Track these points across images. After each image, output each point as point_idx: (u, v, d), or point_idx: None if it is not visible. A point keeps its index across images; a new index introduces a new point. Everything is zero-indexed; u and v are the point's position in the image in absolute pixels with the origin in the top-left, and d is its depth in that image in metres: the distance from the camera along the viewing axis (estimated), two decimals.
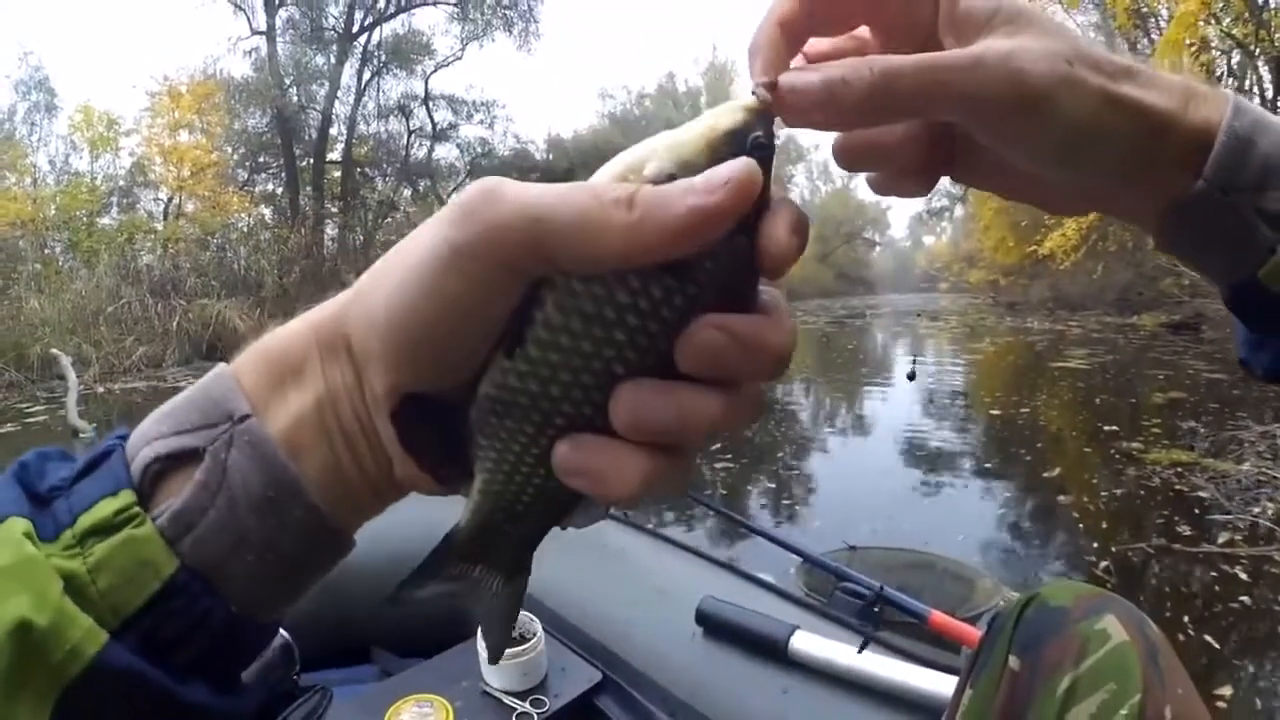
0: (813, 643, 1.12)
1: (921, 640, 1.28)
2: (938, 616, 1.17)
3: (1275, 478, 4.42)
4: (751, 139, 0.28)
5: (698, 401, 0.28)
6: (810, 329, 15.83)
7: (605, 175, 0.28)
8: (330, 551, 0.32)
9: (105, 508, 0.27)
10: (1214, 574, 3.64)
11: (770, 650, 1.14)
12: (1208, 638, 3.02)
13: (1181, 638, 2.93)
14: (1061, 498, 4.96)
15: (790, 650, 1.12)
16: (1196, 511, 4.40)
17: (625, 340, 0.28)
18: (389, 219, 24.62)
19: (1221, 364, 8.23)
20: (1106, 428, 6.51)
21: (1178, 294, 10.05)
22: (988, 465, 5.90)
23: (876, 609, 1.21)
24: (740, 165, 0.26)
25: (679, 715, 1.11)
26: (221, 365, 0.32)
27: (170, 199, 21.37)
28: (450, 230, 0.27)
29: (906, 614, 1.19)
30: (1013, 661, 0.64)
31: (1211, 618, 3.24)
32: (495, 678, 1.22)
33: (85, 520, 0.27)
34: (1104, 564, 3.88)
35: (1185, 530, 4.16)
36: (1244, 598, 3.39)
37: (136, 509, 0.28)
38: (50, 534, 0.27)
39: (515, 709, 1.17)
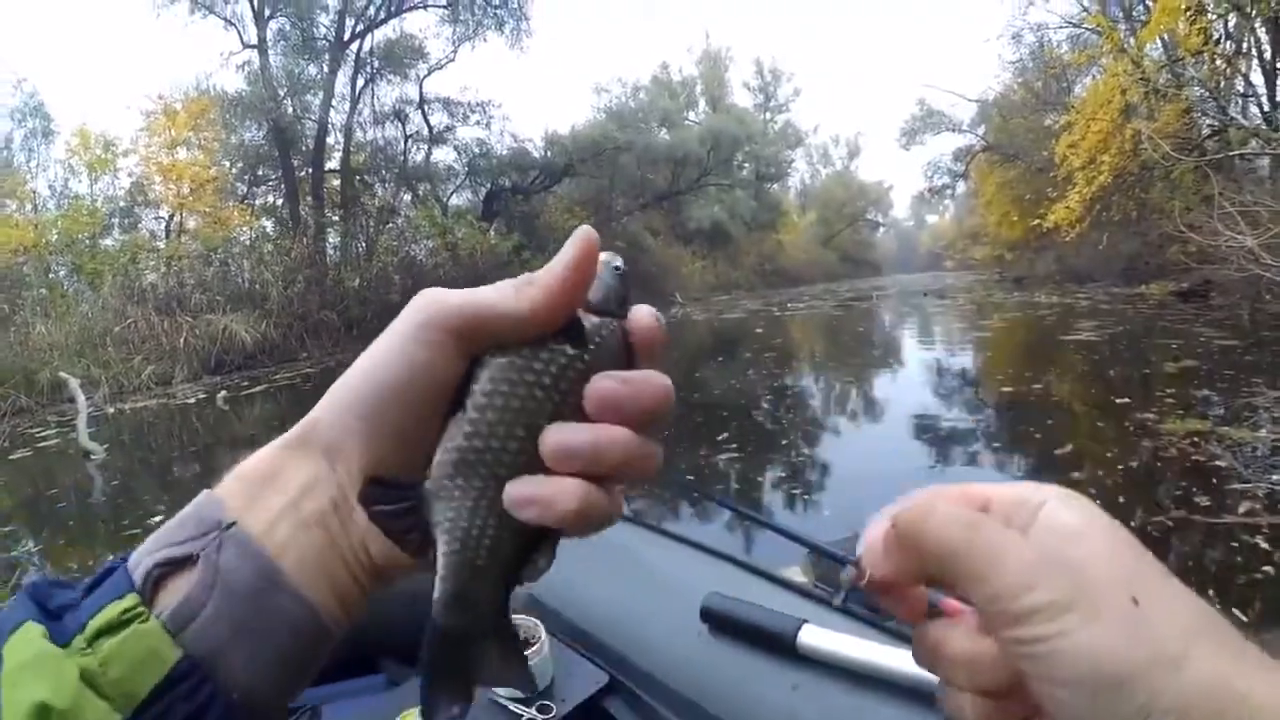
0: (822, 636, 1.08)
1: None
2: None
3: None
4: (612, 263, 0.38)
5: (607, 434, 0.35)
6: (817, 313, 15.77)
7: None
8: (320, 641, 0.36)
9: (112, 610, 0.31)
10: (1235, 544, 3.59)
11: (778, 646, 1.10)
12: (1234, 610, 2.98)
13: None
14: (1076, 474, 4.89)
15: (799, 645, 1.08)
16: (1214, 481, 4.33)
17: (544, 396, 0.35)
18: (390, 224, 24.72)
19: (1232, 330, 8.10)
20: (1119, 400, 6.44)
21: (1185, 261, 9.97)
22: (1000, 444, 5.86)
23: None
24: (579, 244, 0.36)
25: (687, 716, 1.08)
26: (205, 491, 0.37)
27: (171, 216, 21.54)
28: (412, 314, 0.36)
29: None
30: None
31: (1236, 589, 3.21)
32: None
33: (95, 623, 0.31)
34: None
35: (1204, 501, 4.09)
36: (1267, 567, 3.34)
37: (141, 608, 0.31)
38: (64, 641, 0.31)
39: (522, 715, 1.15)
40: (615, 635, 1.28)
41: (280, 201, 24.01)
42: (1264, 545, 3.52)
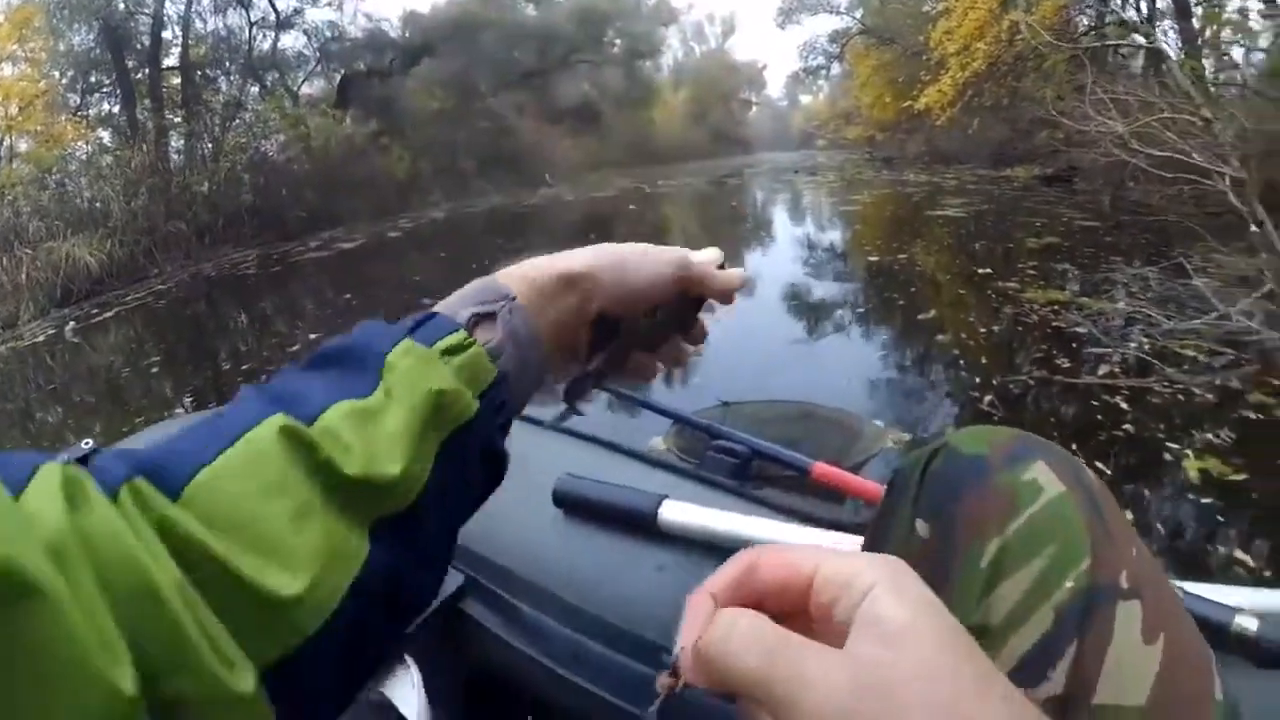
0: (685, 511, 0.99)
1: (806, 495, 1.16)
2: (821, 468, 1.06)
3: (1149, 315, 4.37)
4: None
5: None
6: (689, 190, 15.48)
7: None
8: (538, 390, 0.52)
9: (453, 339, 0.44)
10: (1096, 404, 3.61)
11: (639, 525, 1.01)
12: (1098, 464, 2.98)
13: None
14: (940, 337, 4.87)
15: (660, 522, 0.99)
16: (1074, 346, 4.37)
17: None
18: (237, 120, 22.44)
19: (1094, 213, 8.27)
20: (982, 271, 6.47)
21: (1054, 145, 10.11)
22: (869, 311, 5.82)
23: (752, 466, 1.13)
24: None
25: (550, 609, 0.99)
26: (489, 276, 0.51)
27: (0, 141, 18.82)
28: (676, 259, 0.57)
29: (787, 468, 1.09)
30: (920, 528, 0.51)
31: (1098, 445, 3.21)
32: None
33: (441, 344, 0.43)
34: (988, 398, 3.81)
35: (1065, 363, 4.13)
36: (1127, 426, 3.36)
37: (472, 340, 0.45)
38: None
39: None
40: (471, 534, 1.02)
41: (116, 109, 21.27)
42: (1123, 405, 3.53)
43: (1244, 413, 3.36)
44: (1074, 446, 3.10)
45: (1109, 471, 2.95)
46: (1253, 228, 4.71)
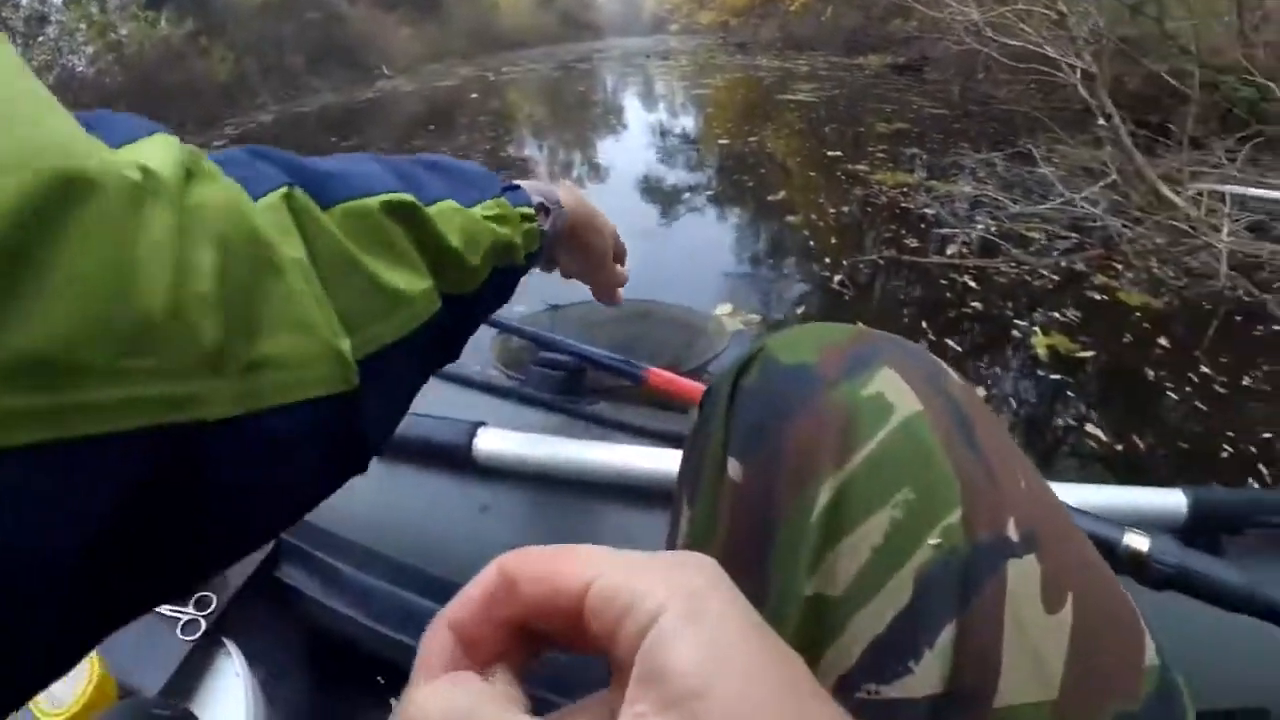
0: (505, 440, 0.90)
1: (644, 406, 1.06)
2: (656, 374, 0.96)
3: (995, 199, 4.32)
4: None
5: None
6: (536, 77, 14.81)
7: None
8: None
9: (528, 210, 0.55)
10: (944, 283, 3.49)
11: (455, 460, 0.91)
12: (948, 340, 2.88)
13: (924, 343, 2.69)
14: (790, 218, 4.67)
15: (476, 455, 0.90)
16: (923, 227, 4.27)
17: None
18: (41, 36, 19.54)
19: (943, 102, 8.24)
20: (832, 153, 6.31)
21: (908, 33, 10.07)
22: (719, 196, 5.54)
23: (585, 378, 1.04)
24: None
25: (374, 568, 0.89)
26: (549, 185, 0.64)
27: None
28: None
29: (619, 376, 0.98)
30: (732, 469, 0.37)
31: (947, 322, 3.10)
32: None
33: (520, 210, 0.53)
34: (838, 277, 3.62)
35: (913, 243, 4.01)
36: (975, 304, 3.27)
37: (535, 218, 0.56)
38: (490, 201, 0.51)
39: (180, 619, 0.83)
40: None
41: None
42: (972, 284, 3.43)
43: (1089, 294, 3.33)
44: (924, 324, 3.01)
45: (959, 349, 2.84)
46: (1100, 120, 4.69)
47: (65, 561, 0.23)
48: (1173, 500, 0.74)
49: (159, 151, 0.27)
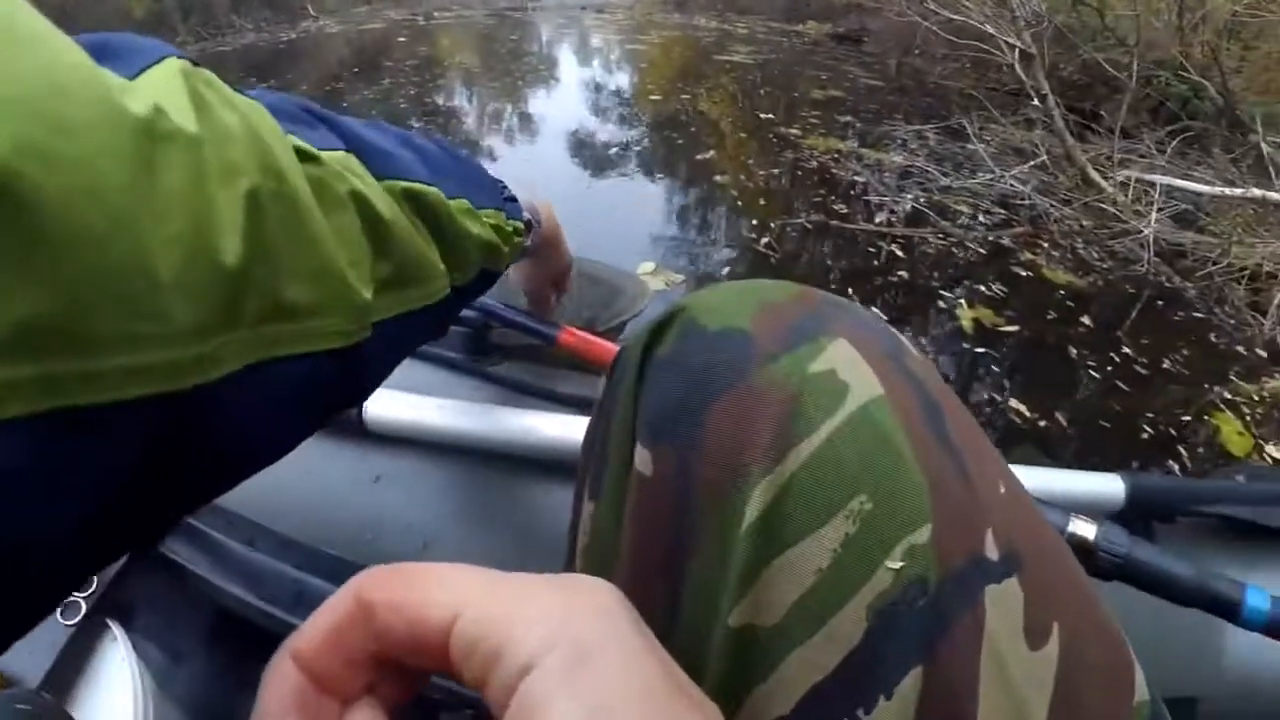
0: (398, 403, 0.80)
1: (556, 368, 0.96)
2: (569, 334, 0.84)
3: (926, 171, 4.27)
4: None
5: None
6: (467, 23, 14.39)
7: None
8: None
9: (518, 223, 0.55)
10: (872, 250, 3.42)
11: (342, 425, 0.82)
12: (873, 309, 2.76)
13: None
14: (719, 178, 4.54)
15: (368, 419, 0.80)
16: (852, 194, 4.20)
17: None
18: None
19: (879, 74, 8.19)
20: (764, 116, 6.19)
21: (847, 3, 10.04)
22: (649, 154, 5.37)
23: (491, 335, 0.92)
24: None
25: (264, 545, 0.82)
26: (532, 202, 0.63)
27: None
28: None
29: (528, 334, 0.85)
30: (641, 459, 0.29)
31: (874, 289, 3.04)
32: None
33: (515, 224, 0.54)
34: (765, 240, 3.52)
35: (842, 209, 3.92)
36: (902, 273, 3.20)
37: (524, 232, 0.57)
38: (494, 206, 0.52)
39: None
40: None
41: None
42: (899, 253, 3.36)
43: (1014, 269, 3.30)
44: (850, 291, 2.92)
45: (885, 317, 2.76)
46: (1035, 101, 4.70)
47: (65, 528, 0.22)
48: (1111, 486, 0.71)
49: (171, 81, 0.25)
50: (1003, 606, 0.26)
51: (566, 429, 0.77)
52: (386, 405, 0.81)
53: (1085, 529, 0.52)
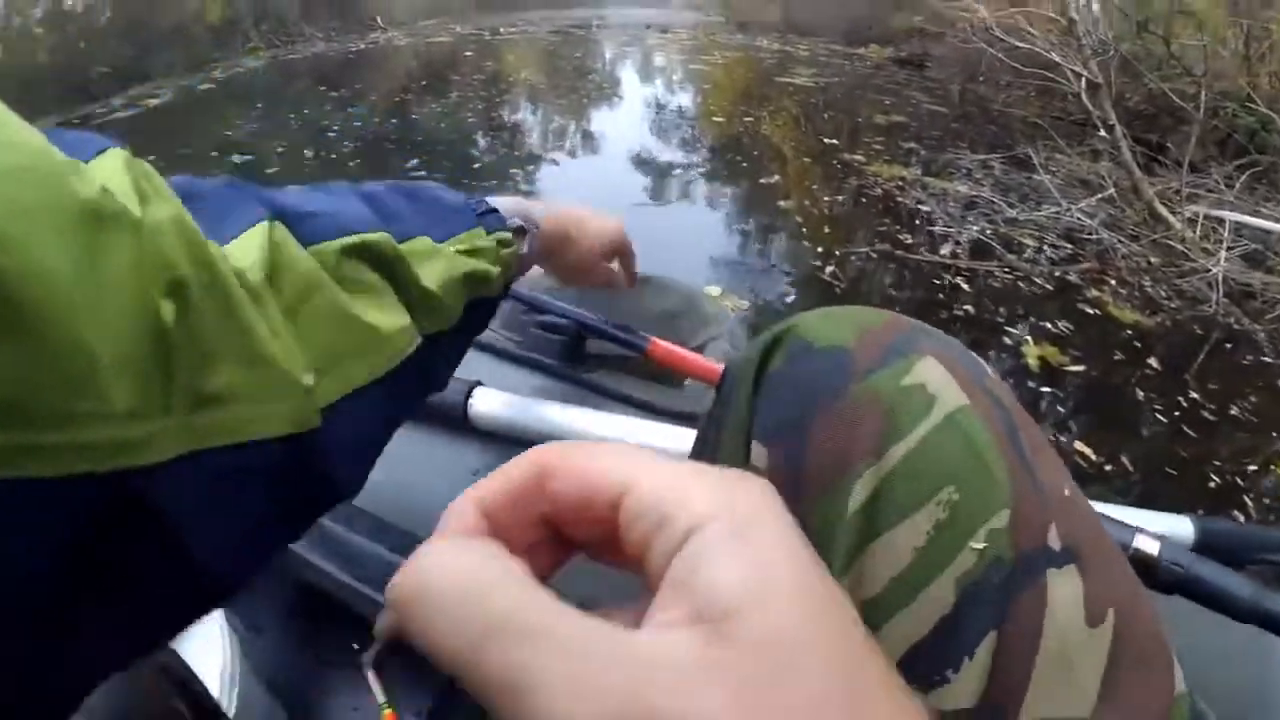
0: (501, 401, 0.87)
1: (641, 378, 1.04)
2: (659, 346, 0.92)
3: (992, 201, 4.26)
4: None
5: None
6: (532, 39, 14.56)
7: None
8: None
9: (503, 234, 0.55)
10: (937, 282, 3.43)
11: (450, 420, 0.88)
12: None
13: None
14: (783, 203, 4.58)
15: (472, 415, 0.87)
16: (917, 223, 4.20)
17: None
18: None
19: (943, 100, 8.13)
20: (829, 141, 6.20)
21: (912, 27, 9.99)
22: (711, 176, 5.42)
23: (584, 345, 1.02)
24: None
25: (359, 526, 0.86)
26: (529, 203, 0.64)
27: None
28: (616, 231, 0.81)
29: (620, 345, 0.94)
30: (757, 454, 0.35)
31: (939, 323, 2.96)
32: None
33: (498, 236, 0.54)
34: (829, 269, 3.56)
35: (907, 239, 3.93)
36: (967, 307, 3.20)
37: (514, 243, 0.57)
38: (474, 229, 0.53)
39: None
40: None
41: None
42: (964, 286, 3.37)
43: (1080, 306, 3.29)
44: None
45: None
46: (1101, 132, 4.66)
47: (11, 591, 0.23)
48: (1181, 528, 0.73)
49: (116, 169, 0.27)
50: (1064, 586, 0.30)
51: (654, 436, 0.82)
52: (489, 402, 0.87)
53: (1150, 544, 0.56)
